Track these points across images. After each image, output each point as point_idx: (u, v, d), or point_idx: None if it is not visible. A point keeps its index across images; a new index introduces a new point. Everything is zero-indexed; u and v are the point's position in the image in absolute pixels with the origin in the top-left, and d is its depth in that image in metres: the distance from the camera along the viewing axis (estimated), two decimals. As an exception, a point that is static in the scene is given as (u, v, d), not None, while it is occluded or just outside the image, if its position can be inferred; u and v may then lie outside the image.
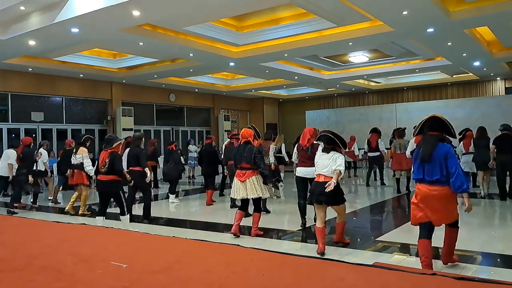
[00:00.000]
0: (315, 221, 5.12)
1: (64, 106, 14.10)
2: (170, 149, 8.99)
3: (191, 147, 14.70)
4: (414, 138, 7.15)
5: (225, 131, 18.99)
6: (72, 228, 5.68)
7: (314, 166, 5.23)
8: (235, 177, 5.59)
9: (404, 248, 4.99)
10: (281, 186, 9.59)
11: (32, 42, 9.45)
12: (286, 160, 9.95)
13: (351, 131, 11.69)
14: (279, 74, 15.03)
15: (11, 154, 8.48)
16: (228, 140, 8.90)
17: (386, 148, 11.38)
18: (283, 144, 10.15)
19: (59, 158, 10.69)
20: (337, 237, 5.14)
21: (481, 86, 17.63)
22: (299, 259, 4.16)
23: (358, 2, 7.72)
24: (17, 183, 8.51)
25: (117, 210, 6.22)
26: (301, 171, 6.00)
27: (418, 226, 3.96)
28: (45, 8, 8.10)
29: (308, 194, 5.20)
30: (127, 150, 7.96)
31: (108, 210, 8.14)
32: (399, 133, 9.61)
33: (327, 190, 4.52)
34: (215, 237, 5.58)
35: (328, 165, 4.77)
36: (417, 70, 15.14)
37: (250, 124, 7.38)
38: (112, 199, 6.08)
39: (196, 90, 17.81)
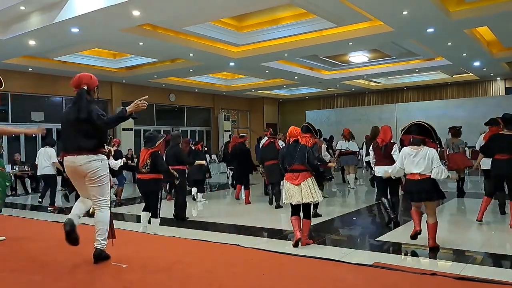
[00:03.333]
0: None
1: (64, 106, 14.09)
2: (196, 149, 8.85)
3: None
4: (483, 134, 6.93)
5: (225, 131, 18.99)
6: (72, 228, 5.67)
7: (391, 164, 5.26)
8: (285, 180, 5.05)
9: (404, 248, 4.99)
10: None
11: (32, 42, 9.45)
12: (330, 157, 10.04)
13: (352, 131, 11.71)
14: (279, 74, 15.04)
15: (52, 153, 8.71)
16: (267, 139, 8.63)
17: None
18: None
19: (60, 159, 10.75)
20: (431, 242, 4.67)
21: (481, 86, 17.63)
22: (299, 259, 4.17)
23: (358, 2, 7.72)
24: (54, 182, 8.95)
25: (130, 211, 6.16)
26: (381, 171, 5.95)
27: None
28: (45, 8, 8.10)
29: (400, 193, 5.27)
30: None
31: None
32: (455, 131, 9.06)
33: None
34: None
35: (423, 164, 4.58)
36: (417, 70, 15.14)
37: (306, 122, 7.14)
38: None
39: (196, 90, 17.81)
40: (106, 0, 7.28)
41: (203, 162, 7.43)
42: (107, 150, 4.05)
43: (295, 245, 4.90)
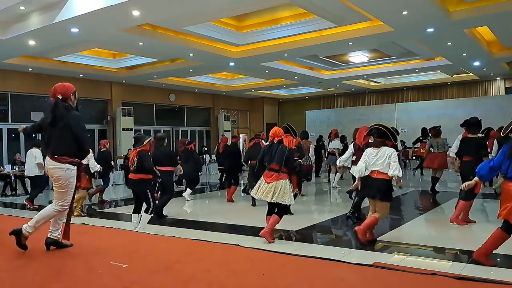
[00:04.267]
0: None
1: (64, 106, 14.06)
2: (189, 148, 8.99)
3: None
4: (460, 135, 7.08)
5: (225, 131, 18.99)
6: (72, 228, 5.68)
7: None
8: (262, 176, 5.23)
9: (404, 248, 4.99)
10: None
11: (32, 42, 9.45)
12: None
13: (351, 131, 11.70)
14: (279, 74, 15.03)
15: (37, 154, 8.73)
16: (253, 139, 8.93)
17: (408, 148, 11.38)
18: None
19: None
20: (362, 227, 5.00)
21: (481, 86, 17.63)
22: (299, 259, 4.17)
23: (358, 2, 7.72)
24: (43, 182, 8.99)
25: (129, 211, 6.24)
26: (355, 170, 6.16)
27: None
28: (45, 8, 8.10)
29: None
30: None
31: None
32: (436, 132, 9.39)
33: (400, 187, 4.89)
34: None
35: (381, 162, 4.90)
36: (417, 70, 15.14)
37: (286, 123, 7.25)
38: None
39: (196, 90, 17.81)
40: (106, 0, 7.28)
41: (180, 168, 7.81)
42: (76, 161, 4.20)
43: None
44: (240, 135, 20.82)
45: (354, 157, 6.53)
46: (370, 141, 6.09)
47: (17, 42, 9.35)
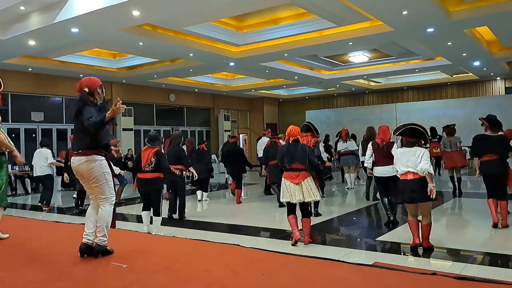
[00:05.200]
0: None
1: (64, 106, 14.09)
2: (201, 148, 8.90)
3: None
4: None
5: (225, 131, 18.99)
6: (72, 228, 5.67)
7: (392, 164, 5.10)
8: (285, 179, 5.07)
9: (405, 248, 4.98)
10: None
11: (32, 42, 9.45)
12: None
13: (351, 131, 11.71)
14: (279, 74, 15.04)
15: (48, 154, 8.63)
16: (269, 139, 8.80)
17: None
18: None
19: (60, 159, 10.79)
20: (425, 243, 4.67)
21: (481, 86, 17.64)
22: (299, 259, 4.16)
23: (358, 2, 7.72)
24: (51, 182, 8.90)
25: (129, 211, 6.19)
26: (379, 171, 6.01)
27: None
28: (45, 8, 8.10)
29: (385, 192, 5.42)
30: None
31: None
32: (450, 130, 9.17)
33: (432, 197, 4.49)
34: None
35: (414, 161, 4.62)
36: (417, 70, 15.15)
37: (306, 121, 7.10)
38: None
39: (196, 90, 17.81)
40: (106, 0, 7.28)
41: (194, 172, 7.21)
42: (102, 152, 4.08)
43: (294, 244, 4.95)
44: (240, 135, 20.84)
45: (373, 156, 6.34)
46: (391, 141, 6.02)
47: (17, 42, 9.35)
